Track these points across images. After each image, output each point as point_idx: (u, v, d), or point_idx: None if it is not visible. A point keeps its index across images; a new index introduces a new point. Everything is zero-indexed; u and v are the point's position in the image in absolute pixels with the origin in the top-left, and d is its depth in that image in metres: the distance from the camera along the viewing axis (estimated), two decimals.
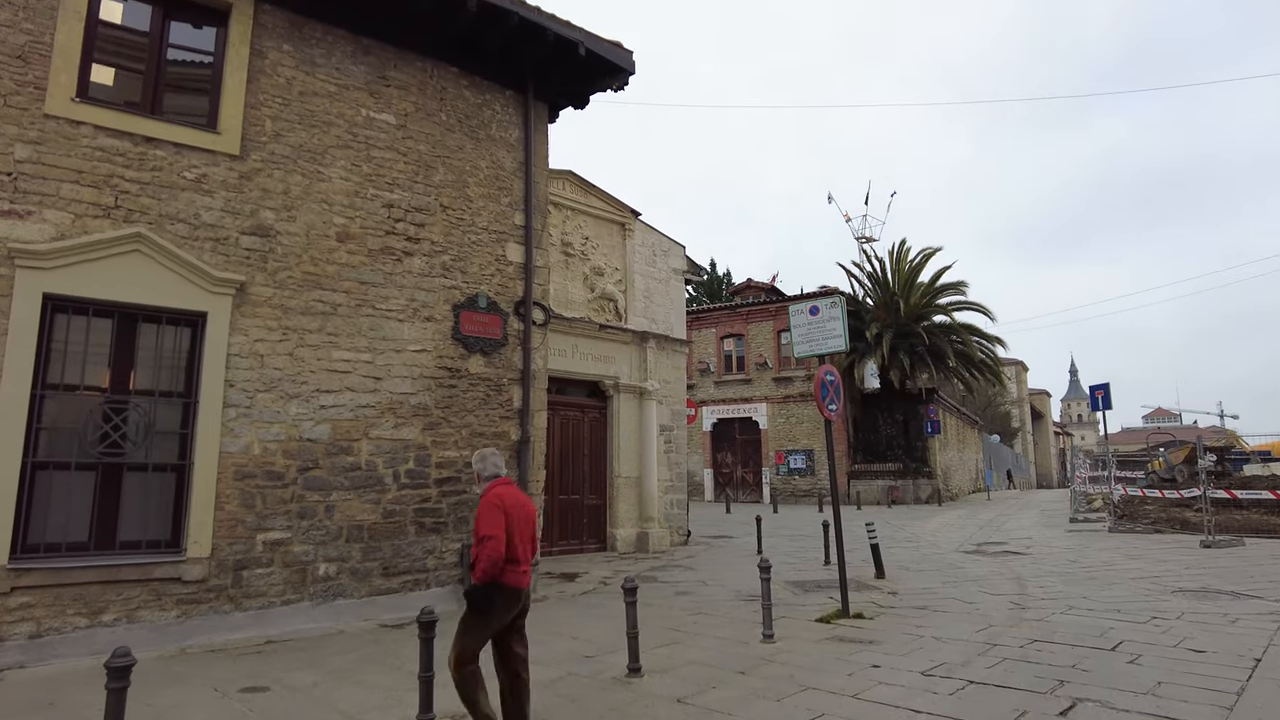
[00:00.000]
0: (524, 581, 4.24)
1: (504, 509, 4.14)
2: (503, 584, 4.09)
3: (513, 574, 4.14)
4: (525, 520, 4.30)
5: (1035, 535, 16.09)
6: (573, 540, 12.99)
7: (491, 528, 4.07)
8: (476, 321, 8.70)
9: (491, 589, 4.07)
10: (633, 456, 13.77)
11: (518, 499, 4.32)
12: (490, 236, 9.07)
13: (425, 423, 8.23)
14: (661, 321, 14.71)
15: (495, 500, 4.17)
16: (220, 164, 7.34)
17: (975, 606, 7.86)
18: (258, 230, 7.46)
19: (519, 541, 4.18)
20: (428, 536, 8.10)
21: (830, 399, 7.45)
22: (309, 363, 7.60)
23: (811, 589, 9.15)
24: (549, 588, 9.35)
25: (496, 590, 4.08)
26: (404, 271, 8.33)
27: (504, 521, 4.09)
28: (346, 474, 7.67)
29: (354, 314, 7.94)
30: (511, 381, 8.97)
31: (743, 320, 30.62)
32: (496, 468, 4.49)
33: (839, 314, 7.42)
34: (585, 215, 13.69)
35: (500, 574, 4.07)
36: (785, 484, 28.95)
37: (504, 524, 4.09)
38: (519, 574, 4.18)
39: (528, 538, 4.31)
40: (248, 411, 7.19)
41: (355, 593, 7.58)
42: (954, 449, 35.71)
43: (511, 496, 4.27)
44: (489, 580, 4.05)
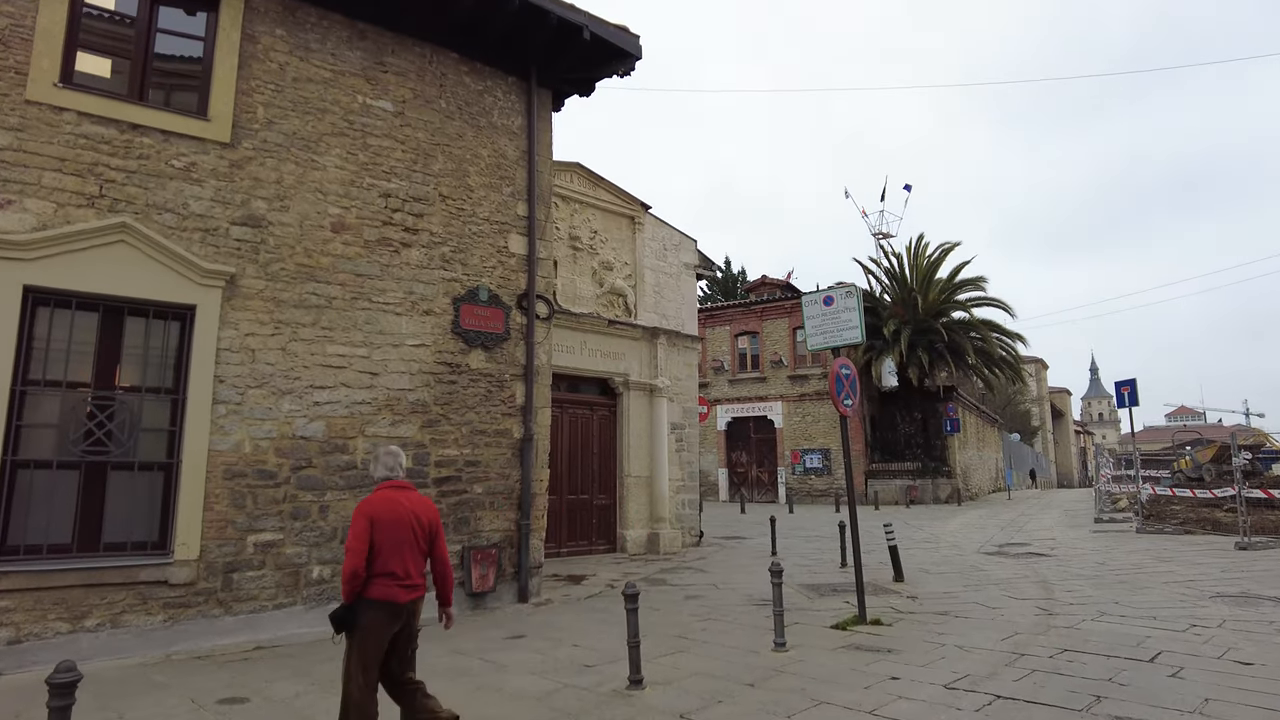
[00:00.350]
0: (401, 596, 3.84)
1: (371, 517, 3.82)
2: (370, 598, 3.75)
3: (386, 587, 3.79)
4: (407, 527, 3.93)
5: (1059, 536, 15.59)
6: (581, 541, 12.69)
7: (351, 538, 3.77)
8: (477, 315, 8.40)
9: (355, 606, 3.74)
10: (643, 455, 13.44)
11: (399, 505, 3.97)
12: (492, 227, 8.77)
13: (423, 420, 7.95)
14: (673, 317, 14.37)
15: (365, 508, 3.87)
16: (210, 152, 7.08)
17: (1000, 612, 7.46)
18: (249, 220, 7.20)
19: (397, 553, 3.85)
20: None
21: (846, 394, 7.08)
22: (302, 358, 7.33)
23: (827, 593, 8.78)
24: (554, 591, 9.03)
25: (363, 607, 3.74)
26: (402, 263, 8.05)
27: (367, 531, 3.78)
28: (341, 473, 7.40)
29: (349, 307, 7.67)
30: (514, 377, 8.67)
31: (757, 317, 30.19)
32: (388, 469, 4.15)
33: (855, 304, 7.04)
34: (594, 208, 13.37)
35: (366, 588, 3.75)
36: (801, 484, 28.50)
37: (367, 534, 3.77)
38: (395, 588, 3.82)
39: (413, 548, 3.95)
40: (238, 408, 6.93)
41: None
42: (973, 448, 35.08)
43: (389, 503, 3.93)
44: (351, 596, 3.74)
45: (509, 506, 8.40)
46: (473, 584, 7.84)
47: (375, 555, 3.79)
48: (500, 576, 8.18)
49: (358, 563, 3.73)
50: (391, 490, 4.03)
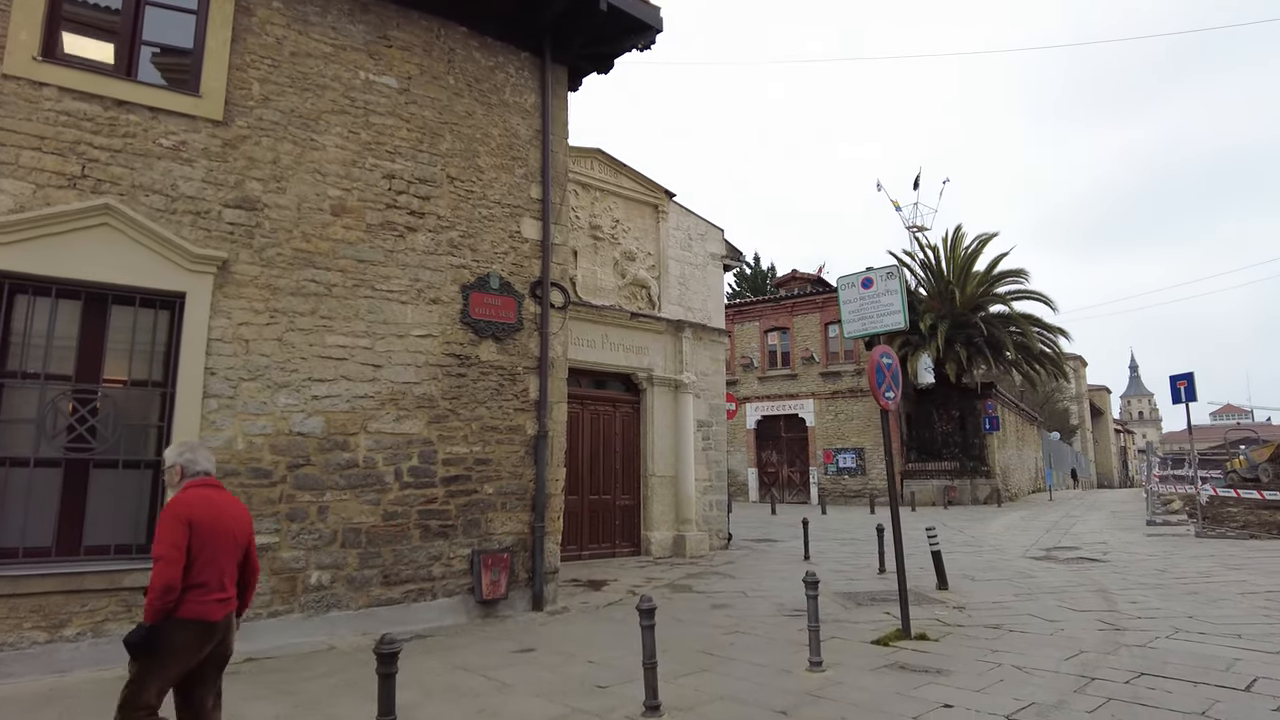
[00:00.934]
0: (215, 613, 3.30)
1: (189, 520, 3.27)
2: (181, 618, 3.20)
3: (198, 603, 3.24)
4: (228, 534, 3.41)
5: (1111, 540, 14.69)
6: (604, 544, 12.14)
7: (165, 545, 3.19)
8: (488, 304, 7.88)
9: (161, 627, 3.16)
10: (668, 454, 12.85)
11: (218, 506, 3.44)
12: (503, 211, 8.25)
13: (431, 415, 7.45)
14: (698, 310, 13.76)
15: (180, 510, 3.29)
16: (201, 130, 6.65)
17: (1059, 626, 6.75)
18: (243, 203, 6.76)
19: (213, 562, 3.31)
20: (433, 541, 7.31)
21: (887, 385, 6.43)
22: (300, 349, 6.87)
23: (865, 602, 8.12)
24: (571, 598, 8.49)
25: (173, 627, 3.18)
26: (407, 249, 7.56)
27: (184, 537, 3.23)
28: (342, 472, 6.93)
29: (351, 295, 7.20)
30: (527, 370, 8.14)
31: (787, 313, 29.42)
32: (195, 463, 3.56)
33: (896, 286, 6.39)
34: (615, 196, 12.82)
35: (178, 605, 3.19)
36: (834, 484, 27.68)
37: (184, 540, 3.22)
38: (209, 603, 3.28)
39: (230, 556, 3.42)
40: (231, 402, 6.49)
41: (351, 603, 6.83)
42: (1013, 447, 33.92)
43: (207, 504, 3.39)
44: (159, 614, 3.15)
45: (522, 507, 7.87)
46: (483, 590, 7.33)
47: (190, 564, 3.23)
48: (513, 582, 7.66)
49: (174, 575, 3.16)
50: (207, 489, 3.49)
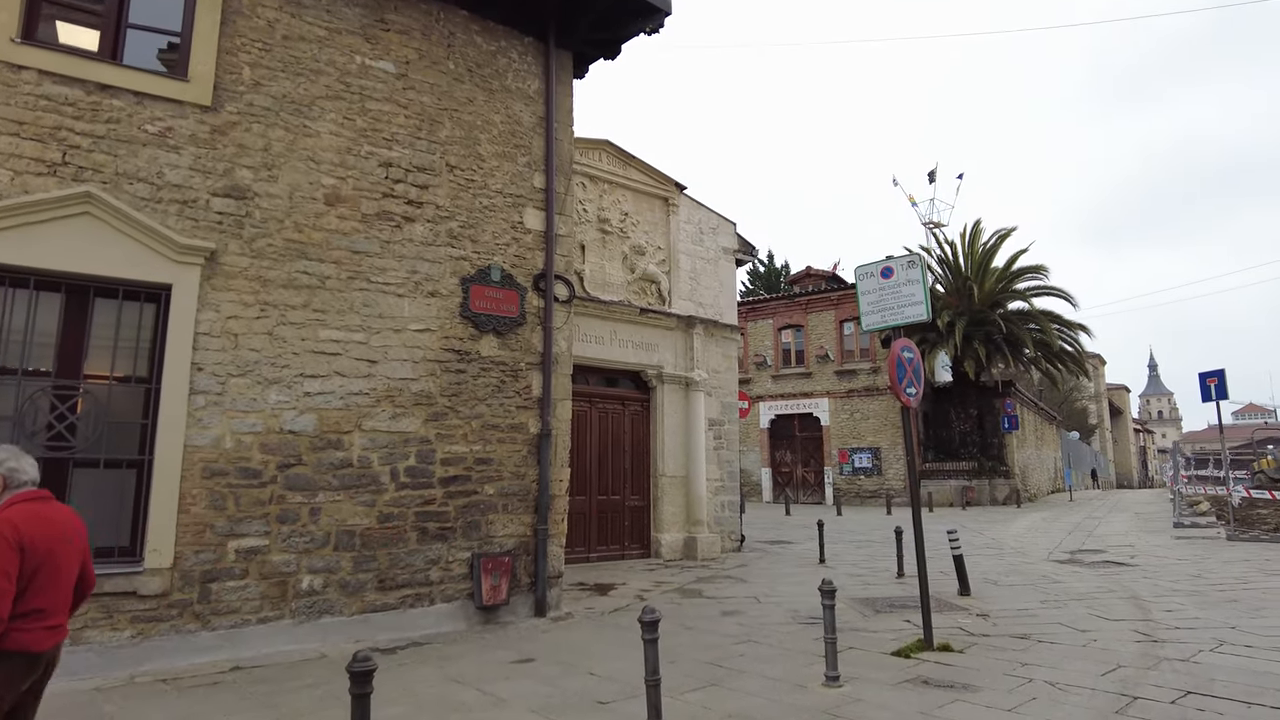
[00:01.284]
0: (43, 642, 2.90)
1: (20, 543, 2.85)
2: (7, 650, 2.81)
3: (29, 632, 2.86)
4: (66, 555, 3.02)
5: (1137, 542, 14.20)
6: (613, 546, 11.82)
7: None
8: (489, 297, 7.58)
9: None
10: (679, 453, 12.51)
11: (53, 523, 3.05)
12: (505, 200, 7.94)
13: (428, 413, 7.15)
14: (710, 305, 13.40)
15: (8, 531, 2.85)
16: (189, 116, 6.38)
17: (1091, 637, 6.35)
18: (232, 191, 6.49)
19: (48, 587, 2.94)
20: (431, 544, 7.01)
21: (908, 381, 6.05)
22: (291, 343, 6.59)
23: (884, 609, 7.74)
24: (576, 603, 8.17)
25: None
26: (404, 239, 7.26)
27: (15, 563, 2.82)
28: (335, 472, 6.64)
29: (345, 287, 6.91)
30: (530, 366, 7.83)
31: (802, 310, 28.98)
32: (20, 472, 3.12)
33: (918, 276, 6.02)
34: (624, 189, 12.49)
35: (3, 636, 2.79)
36: (849, 484, 27.22)
37: (15, 566, 2.82)
38: (37, 631, 2.89)
39: (68, 578, 3.04)
40: (219, 399, 6.21)
41: (344, 609, 6.54)
42: (1031, 446, 33.30)
43: (40, 521, 2.98)
44: None
45: (524, 509, 7.56)
46: (483, 596, 7.02)
47: (22, 592, 2.86)
48: (515, 587, 7.35)
49: (2, 609, 2.76)
50: (36, 503, 3.07)
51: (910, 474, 6.16)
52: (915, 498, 6.24)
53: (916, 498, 6.22)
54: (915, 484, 6.20)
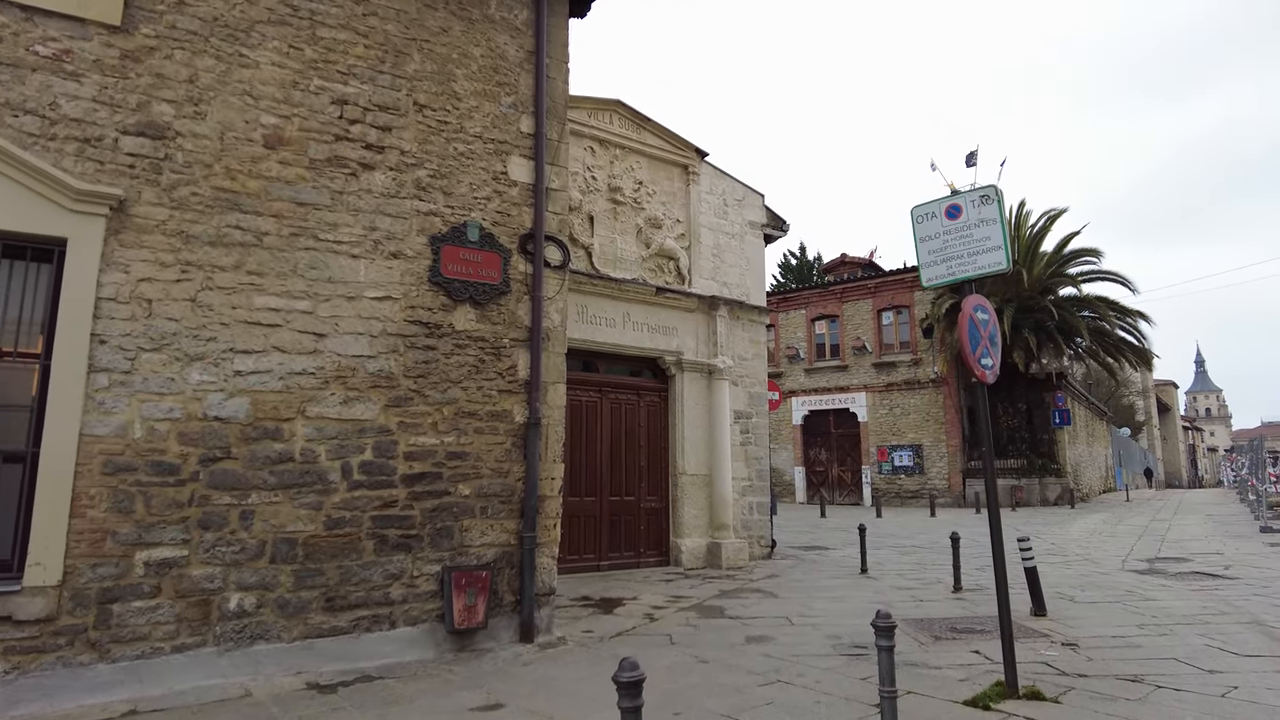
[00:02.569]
0: None
1: None
2: None
3: None
4: None
5: (1225, 550, 12.55)
6: (627, 552, 10.56)
7: None
8: (465, 260, 6.37)
9: None
10: (700, 449, 11.21)
11: None
12: (486, 147, 6.73)
13: (389, 397, 5.96)
14: (735, 285, 12.07)
15: None
16: (93, 38, 5.26)
17: (1226, 681, 4.93)
18: (148, 129, 5.36)
19: None
20: (392, 555, 5.82)
21: (984, 349, 4.71)
22: (220, 312, 5.44)
23: (944, 634, 6.38)
24: (574, 623, 6.92)
25: None
26: (361, 190, 6.08)
27: None
28: (272, 467, 5.47)
29: (287, 246, 5.75)
30: (515, 343, 6.60)
31: (836, 300, 27.43)
32: None
33: (995, 213, 4.67)
34: (638, 155, 11.22)
35: None
36: (889, 484, 25.63)
37: None
38: None
39: None
40: (126, 378, 5.08)
41: (283, 634, 5.37)
42: (1083, 443, 31.35)
43: None
44: None
45: (507, 513, 6.33)
46: (454, 618, 5.80)
47: None
48: (496, 607, 6.12)
49: None
50: None
51: (987, 469, 4.80)
52: (993, 498, 4.88)
53: (994, 498, 4.85)
54: (992, 480, 4.84)
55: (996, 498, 4.78)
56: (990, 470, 4.76)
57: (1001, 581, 4.71)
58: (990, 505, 4.79)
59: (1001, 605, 4.66)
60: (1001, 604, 4.65)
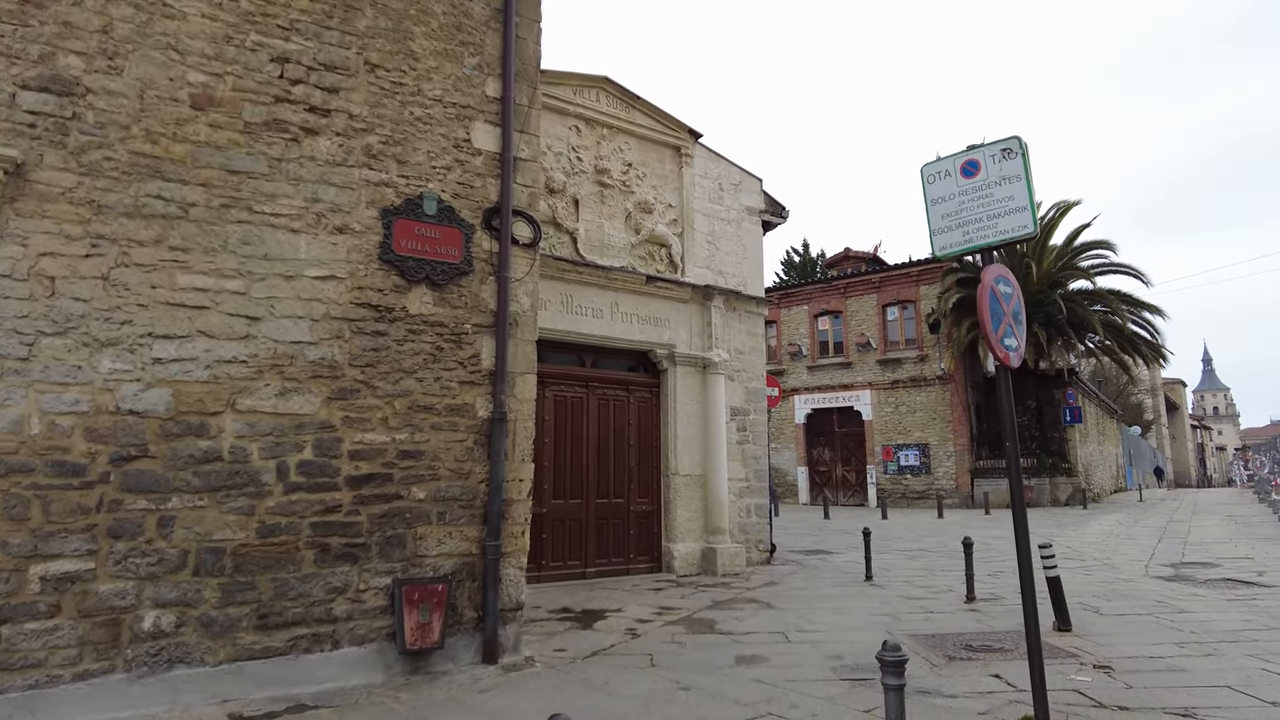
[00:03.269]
0: None
1: None
2: None
3: None
4: None
5: (1255, 554, 11.82)
6: (616, 558, 9.89)
7: None
8: (420, 236, 5.71)
9: None
10: (694, 448, 10.54)
11: None
12: (447, 112, 6.07)
13: (333, 389, 5.30)
14: (731, 274, 11.40)
15: None
16: None
17: None
18: (52, 84, 4.72)
19: None
20: (335, 566, 5.16)
21: (1006, 327, 4.03)
22: (137, 292, 4.80)
23: (959, 653, 5.70)
24: (547, 640, 6.26)
25: None
26: (303, 157, 5.43)
27: None
28: (197, 467, 4.83)
29: (217, 219, 5.10)
30: (479, 329, 5.93)
31: (840, 295, 26.72)
32: None
33: (1019, 169, 4.00)
34: (628, 135, 10.56)
35: None
36: (894, 484, 24.92)
37: None
38: None
39: None
40: (23, 366, 4.45)
41: (207, 656, 4.72)
42: (1094, 442, 30.57)
43: None
44: None
45: (468, 519, 5.67)
46: (406, 637, 5.15)
47: None
48: (455, 624, 5.46)
49: None
50: None
51: (1011, 465, 4.10)
52: (1018, 496, 4.18)
53: (1020, 496, 4.15)
54: (1017, 477, 4.15)
55: (1023, 498, 4.09)
56: (1015, 466, 4.08)
57: (1029, 598, 4.02)
58: (1015, 507, 4.10)
59: (1030, 627, 3.97)
60: (1030, 626, 3.97)
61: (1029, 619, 3.97)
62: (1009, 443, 4.02)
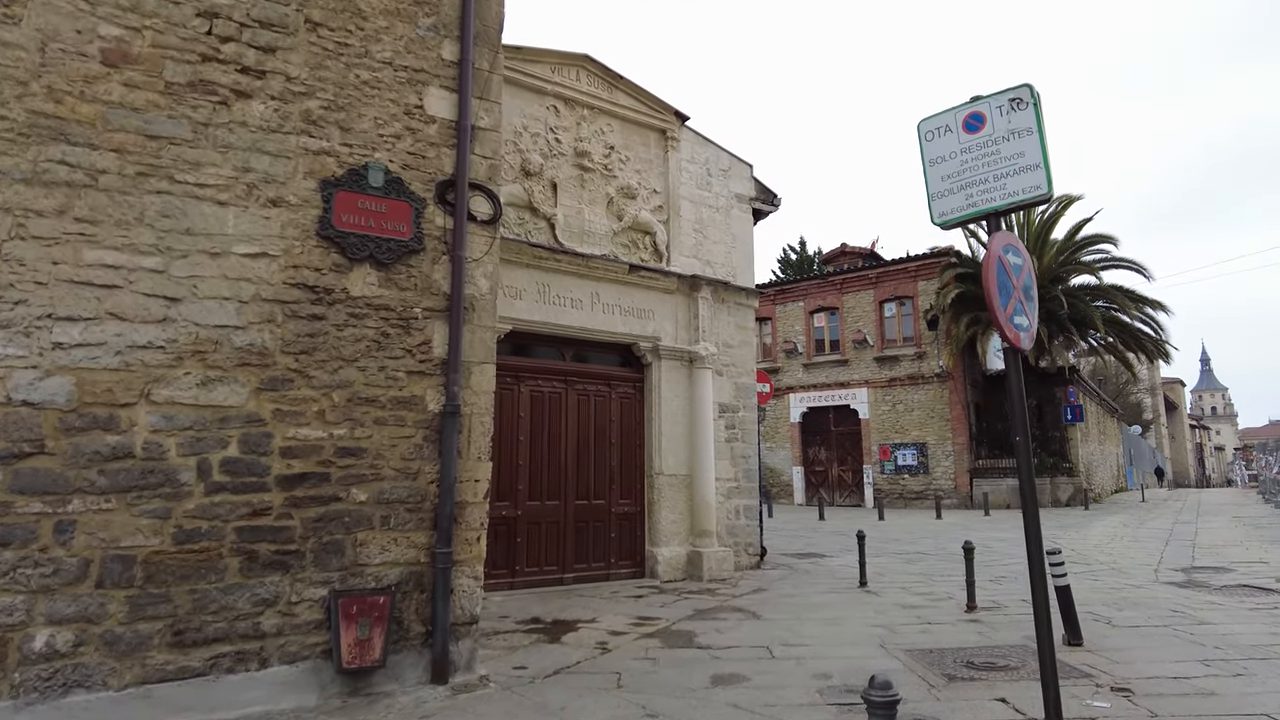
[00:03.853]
0: None
1: None
2: None
3: None
4: None
5: (1269, 557, 11.29)
6: (596, 563, 9.35)
7: None
8: (365, 210, 5.17)
9: None
10: (680, 447, 10.00)
11: None
12: (397, 76, 5.53)
13: (263, 378, 4.76)
14: (720, 264, 10.87)
15: None
16: None
17: None
18: None
19: None
20: (264, 576, 4.62)
21: (1015, 303, 3.50)
22: (35, 268, 4.27)
23: (960, 672, 5.16)
24: (507, 657, 5.71)
25: None
26: (233, 122, 4.89)
27: None
28: (104, 465, 4.29)
29: (133, 188, 4.56)
30: (429, 314, 5.39)
31: (836, 291, 26.19)
32: None
33: (1031, 121, 3.46)
34: (610, 116, 10.02)
35: None
36: (892, 484, 24.39)
37: None
38: None
39: None
40: None
41: (111, 679, 4.18)
42: (1094, 441, 30.06)
43: None
44: None
45: (416, 524, 5.12)
46: (342, 654, 4.61)
47: None
48: (400, 640, 4.93)
49: None
50: None
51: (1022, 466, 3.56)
52: (1030, 493, 3.64)
53: (1031, 492, 3.61)
54: (1029, 474, 3.61)
55: (1035, 499, 3.56)
56: (1027, 464, 3.55)
57: (1043, 615, 3.48)
58: (1027, 511, 3.57)
59: (1043, 650, 3.43)
60: (1043, 649, 3.43)
61: (1042, 641, 3.43)
62: (1019, 437, 3.50)
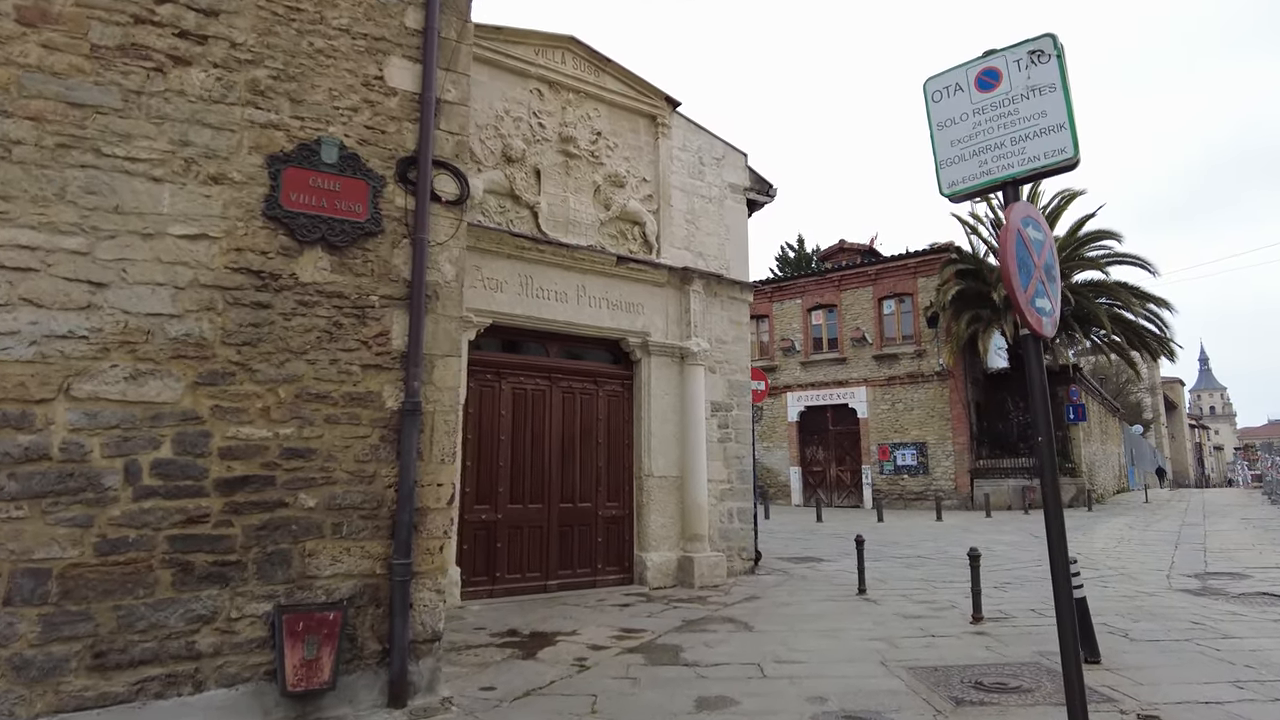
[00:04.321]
0: None
1: None
2: None
3: None
4: None
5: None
6: (581, 569, 8.91)
7: None
8: (317, 188, 4.73)
9: None
10: (671, 447, 9.56)
11: None
12: (355, 45, 5.08)
13: (200, 372, 4.32)
14: (713, 256, 10.43)
15: None
16: None
17: None
18: None
19: None
20: (199, 590, 4.18)
21: (1037, 283, 3.06)
22: None
23: (967, 695, 4.73)
24: (476, 675, 5.27)
25: None
26: (170, 91, 4.44)
27: None
28: (15, 468, 3.84)
29: (52, 161, 4.11)
30: (388, 302, 4.95)
31: (834, 288, 25.74)
32: None
33: (1055, 74, 3.02)
34: (597, 101, 9.58)
35: None
36: (891, 485, 23.95)
37: None
38: None
39: None
40: None
41: (19, 708, 3.73)
42: (1097, 441, 29.64)
43: None
44: None
45: (371, 532, 4.68)
46: (287, 676, 4.16)
47: None
48: (354, 659, 4.48)
49: None
50: None
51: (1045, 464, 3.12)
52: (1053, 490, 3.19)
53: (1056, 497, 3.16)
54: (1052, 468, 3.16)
55: (1059, 501, 3.10)
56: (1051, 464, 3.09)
57: (1069, 642, 3.04)
58: (1049, 517, 3.12)
59: (1071, 682, 2.99)
60: (1071, 682, 2.98)
61: (1069, 672, 2.98)
62: (1041, 436, 3.05)
